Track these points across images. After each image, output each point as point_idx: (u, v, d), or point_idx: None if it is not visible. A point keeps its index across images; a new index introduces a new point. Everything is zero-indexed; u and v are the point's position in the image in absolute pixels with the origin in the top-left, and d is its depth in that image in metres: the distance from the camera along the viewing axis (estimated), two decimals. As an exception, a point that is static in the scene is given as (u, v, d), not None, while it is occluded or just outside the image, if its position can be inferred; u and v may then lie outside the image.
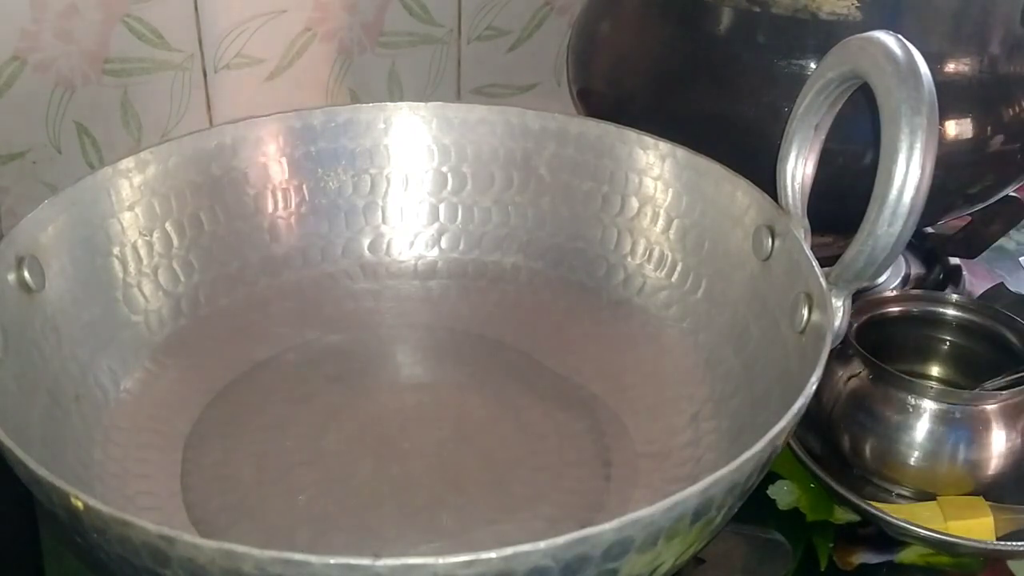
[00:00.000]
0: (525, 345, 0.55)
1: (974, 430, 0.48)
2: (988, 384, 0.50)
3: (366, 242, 0.59)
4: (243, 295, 0.56)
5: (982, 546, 0.47)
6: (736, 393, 0.48)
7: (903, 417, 0.49)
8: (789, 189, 0.47)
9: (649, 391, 0.51)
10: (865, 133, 0.49)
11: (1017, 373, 0.50)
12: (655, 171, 0.55)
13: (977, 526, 0.48)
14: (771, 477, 0.52)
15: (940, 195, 0.43)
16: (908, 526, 0.47)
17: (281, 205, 0.57)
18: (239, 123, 0.56)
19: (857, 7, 0.52)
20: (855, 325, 0.51)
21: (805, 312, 0.44)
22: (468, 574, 0.30)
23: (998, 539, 0.48)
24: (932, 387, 0.49)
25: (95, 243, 0.50)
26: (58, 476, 0.33)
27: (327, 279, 0.58)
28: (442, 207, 0.59)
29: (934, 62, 0.40)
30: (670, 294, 0.54)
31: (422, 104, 0.58)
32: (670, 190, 0.54)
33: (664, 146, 0.54)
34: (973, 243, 0.66)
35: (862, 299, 0.53)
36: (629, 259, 0.56)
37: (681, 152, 0.53)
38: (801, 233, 0.46)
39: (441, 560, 0.30)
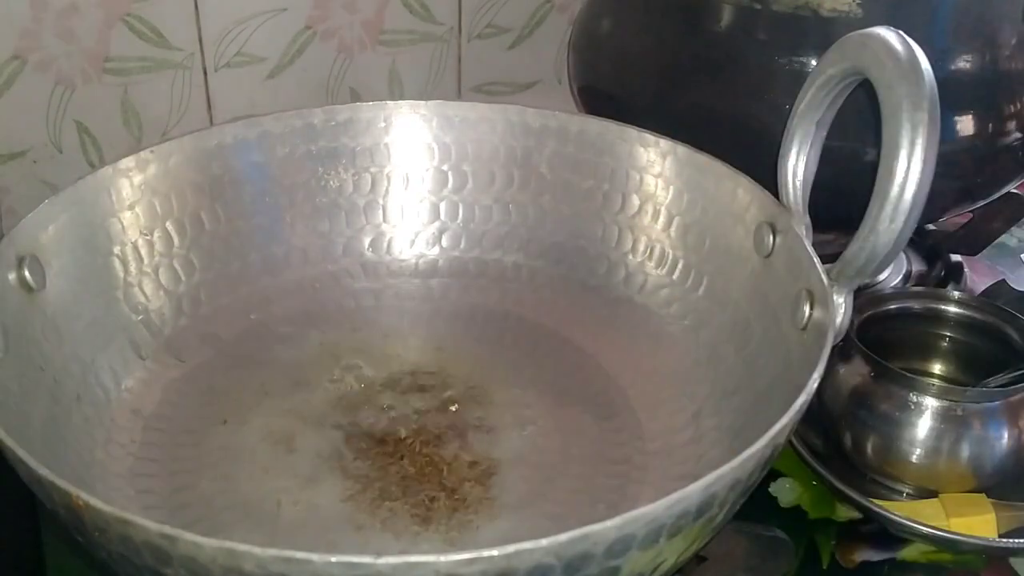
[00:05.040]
0: (525, 343, 0.55)
1: (976, 427, 0.48)
2: (990, 381, 0.50)
3: (367, 241, 0.59)
4: (244, 294, 0.56)
5: (984, 543, 0.47)
6: (738, 390, 0.48)
7: (905, 414, 0.49)
8: (790, 186, 0.47)
9: (650, 389, 0.51)
10: (866, 129, 0.49)
11: (1019, 370, 0.50)
12: (656, 168, 0.55)
13: (979, 523, 0.48)
14: (773, 474, 0.52)
15: (941, 192, 0.43)
16: (910, 523, 0.47)
17: (282, 204, 0.57)
18: (239, 122, 0.56)
19: (858, 4, 0.52)
20: (856, 322, 0.51)
21: (806, 309, 0.44)
22: (470, 572, 0.30)
23: (1000, 536, 0.48)
24: (934, 384, 0.49)
25: (96, 242, 0.50)
26: (59, 475, 0.33)
27: (328, 278, 0.58)
28: (443, 205, 0.59)
29: (935, 58, 0.40)
30: (671, 292, 0.54)
31: (422, 102, 0.58)
32: (671, 187, 0.54)
33: (665, 143, 0.54)
34: (974, 240, 0.66)
35: (863, 296, 0.53)
36: (630, 257, 0.56)
37: (682, 149, 0.53)
38: (802, 230, 0.46)
39: (443, 558, 0.30)
